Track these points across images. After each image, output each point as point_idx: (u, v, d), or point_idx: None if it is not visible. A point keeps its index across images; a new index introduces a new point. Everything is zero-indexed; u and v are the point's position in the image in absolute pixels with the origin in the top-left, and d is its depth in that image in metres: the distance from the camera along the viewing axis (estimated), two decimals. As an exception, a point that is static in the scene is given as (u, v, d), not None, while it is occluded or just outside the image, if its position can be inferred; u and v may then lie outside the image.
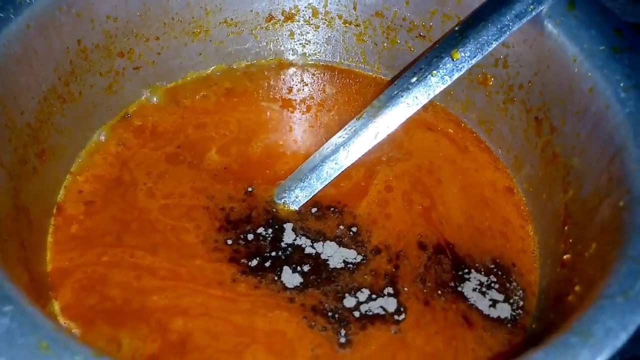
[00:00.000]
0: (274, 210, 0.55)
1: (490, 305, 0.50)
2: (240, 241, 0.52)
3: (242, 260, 0.50)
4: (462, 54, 0.54)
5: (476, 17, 0.54)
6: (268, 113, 0.64)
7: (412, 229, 0.54)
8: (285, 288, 0.49)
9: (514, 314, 0.50)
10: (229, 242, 0.52)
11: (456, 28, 0.55)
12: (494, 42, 0.53)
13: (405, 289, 0.50)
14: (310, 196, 0.55)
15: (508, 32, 0.53)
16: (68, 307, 0.47)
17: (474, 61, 0.54)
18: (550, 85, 0.54)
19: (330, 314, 0.48)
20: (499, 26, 0.53)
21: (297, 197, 0.55)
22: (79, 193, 0.54)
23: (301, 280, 0.50)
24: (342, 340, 0.46)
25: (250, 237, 0.52)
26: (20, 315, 0.30)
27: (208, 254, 0.51)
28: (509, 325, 0.49)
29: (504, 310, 0.50)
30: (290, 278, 0.50)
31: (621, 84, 0.47)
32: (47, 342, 0.29)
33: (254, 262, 0.50)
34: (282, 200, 0.55)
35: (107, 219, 0.53)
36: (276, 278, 0.50)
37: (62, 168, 0.55)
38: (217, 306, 0.47)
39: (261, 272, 0.50)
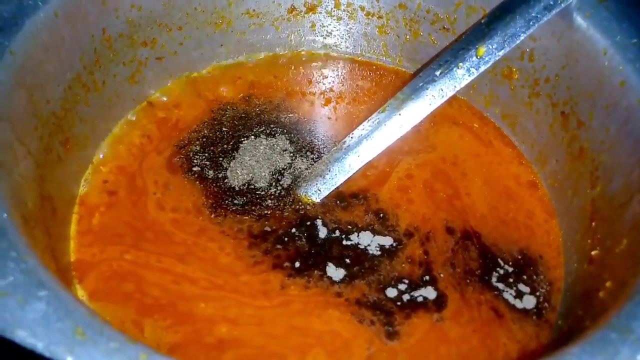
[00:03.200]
0: (299, 205, 0.54)
1: (516, 297, 0.50)
2: (278, 245, 0.51)
3: (286, 264, 0.50)
4: (489, 47, 0.53)
5: (503, 9, 0.54)
6: (289, 106, 0.64)
7: (436, 213, 0.54)
8: (333, 282, 0.49)
9: (540, 306, 0.49)
10: (267, 252, 0.51)
11: (482, 20, 0.55)
12: (521, 35, 0.53)
13: (441, 275, 0.50)
14: (332, 188, 0.55)
15: (536, 25, 0.52)
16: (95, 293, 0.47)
17: (501, 54, 0.53)
18: (578, 79, 0.53)
19: (374, 306, 0.48)
20: (527, 18, 0.52)
21: (319, 189, 0.55)
22: (104, 183, 0.54)
23: (345, 272, 0.50)
24: (390, 330, 0.46)
25: (285, 239, 0.51)
26: (56, 300, 0.30)
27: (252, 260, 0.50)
28: (534, 317, 0.49)
29: (529, 302, 0.50)
30: (335, 272, 0.49)
31: (654, 78, 0.46)
32: (82, 327, 0.29)
33: (298, 264, 0.50)
34: (304, 192, 0.55)
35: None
36: (322, 274, 0.49)
37: (85, 158, 0.55)
38: (270, 314, 0.47)
39: (307, 272, 0.49)
